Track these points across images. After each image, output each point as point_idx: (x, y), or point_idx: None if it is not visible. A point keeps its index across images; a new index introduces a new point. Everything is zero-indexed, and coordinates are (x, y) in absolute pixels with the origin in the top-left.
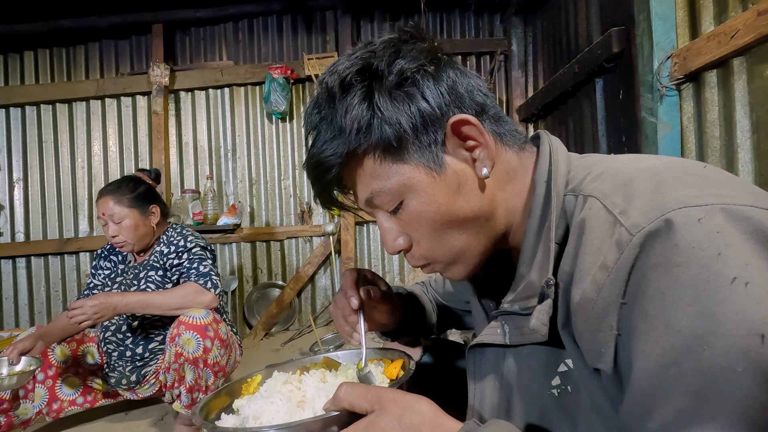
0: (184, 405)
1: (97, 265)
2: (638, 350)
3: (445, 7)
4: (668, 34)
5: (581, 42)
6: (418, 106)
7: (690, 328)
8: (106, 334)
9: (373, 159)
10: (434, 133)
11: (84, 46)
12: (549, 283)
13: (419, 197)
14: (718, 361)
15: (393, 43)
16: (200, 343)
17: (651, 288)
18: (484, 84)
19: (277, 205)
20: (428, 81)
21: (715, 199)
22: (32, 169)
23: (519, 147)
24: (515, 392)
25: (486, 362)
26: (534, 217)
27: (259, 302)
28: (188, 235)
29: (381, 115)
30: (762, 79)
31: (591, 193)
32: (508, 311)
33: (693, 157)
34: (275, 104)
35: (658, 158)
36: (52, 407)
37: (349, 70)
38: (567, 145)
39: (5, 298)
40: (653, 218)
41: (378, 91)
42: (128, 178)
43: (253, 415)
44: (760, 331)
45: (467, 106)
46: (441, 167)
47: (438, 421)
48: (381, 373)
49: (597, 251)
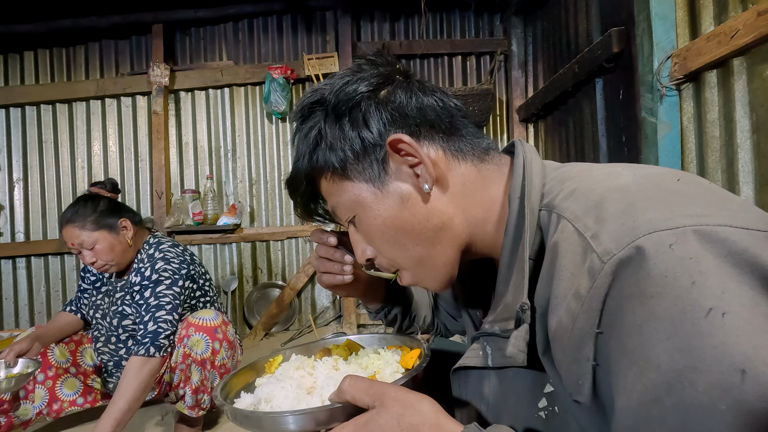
0: (188, 406)
1: (85, 268)
2: (619, 387)
3: (445, 7)
4: (668, 34)
5: (581, 42)
6: (359, 131)
7: (670, 363)
8: (98, 345)
9: (326, 178)
10: (375, 153)
11: (84, 46)
12: (524, 307)
13: (366, 212)
14: (700, 399)
15: (347, 74)
16: (209, 344)
17: (627, 320)
18: (450, 99)
19: (277, 205)
20: (371, 106)
21: (687, 220)
22: (32, 169)
23: (479, 159)
24: (503, 415)
25: (471, 385)
26: (509, 234)
27: (259, 302)
28: (157, 261)
29: (326, 142)
30: (762, 79)
31: (563, 213)
32: (489, 333)
33: (693, 157)
34: (275, 104)
35: (631, 172)
36: (53, 408)
37: (307, 100)
38: (567, 146)
39: (5, 298)
40: (624, 245)
41: (325, 120)
42: (84, 199)
43: (265, 398)
44: (740, 367)
45: (410, 125)
46: (383, 184)
47: (438, 423)
48: (397, 361)
49: (571, 277)
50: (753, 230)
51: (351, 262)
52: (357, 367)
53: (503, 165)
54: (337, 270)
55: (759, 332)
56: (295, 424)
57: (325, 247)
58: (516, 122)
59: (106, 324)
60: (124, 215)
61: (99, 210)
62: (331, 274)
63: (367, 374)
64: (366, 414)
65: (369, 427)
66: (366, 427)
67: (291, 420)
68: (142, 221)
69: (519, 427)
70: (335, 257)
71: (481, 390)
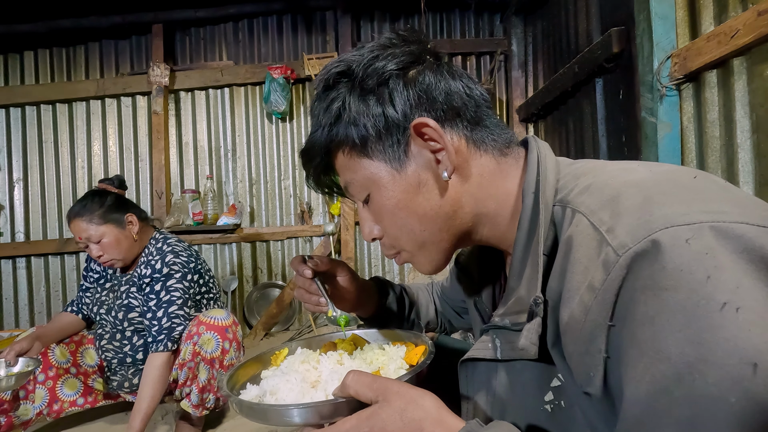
0: (193, 404)
1: (88, 267)
2: (629, 377)
3: (445, 7)
4: (668, 34)
5: (581, 42)
6: (384, 109)
7: (681, 355)
8: (102, 342)
9: (344, 153)
10: (397, 134)
11: (84, 46)
12: (537, 301)
13: (381, 192)
14: (710, 391)
15: (377, 47)
16: (219, 343)
17: (640, 312)
18: (477, 87)
19: (277, 205)
20: (399, 85)
21: (704, 216)
22: (32, 169)
23: (500, 152)
24: (508, 408)
25: (478, 376)
26: (522, 229)
27: (259, 302)
28: (167, 255)
29: (348, 116)
30: (762, 79)
31: (578, 208)
32: (498, 326)
33: (693, 156)
34: (275, 104)
35: (647, 168)
36: (53, 408)
37: (334, 69)
38: (567, 146)
39: (5, 298)
40: (640, 238)
41: (350, 93)
42: (92, 194)
43: (270, 390)
44: (752, 360)
45: (437, 110)
46: (402, 166)
47: (440, 418)
48: (401, 357)
49: (584, 270)
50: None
51: (324, 304)
52: (361, 362)
53: (520, 159)
54: (314, 302)
55: None
56: (299, 417)
57: (302, 279)
58: (516, 122)
59: (110, 319)
60: (131, 210)
61: (106, 205)
62: (310, 303)
63: (371, 370)
64: (369, 408)
65: (372, 421)
66: (369, 422)
67: (295, 413)
68: (147, 218)
69: (524, 419)
70: (311, 289)
71: (488, 382)
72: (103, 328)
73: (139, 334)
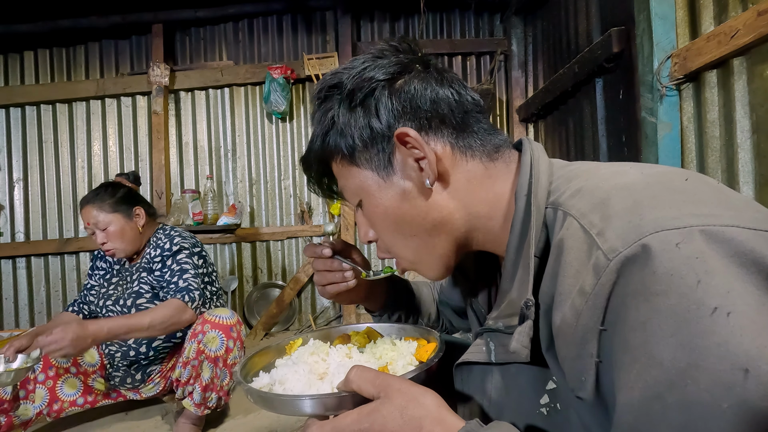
0: (195, 403)
1: (93, 265)
2: (621, 382)
3: (445, 7)
4: (668, 34)
5: (581, 42)
6: (369, 120)
7: (673, 360)
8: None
9: (336, 161)
10: (382, 144)
11: (84, 46)
12: (528, 304)
13: (370, 199)
14: (702, 397)
15: (369, 58)
16: (224, 342)
17: (631, 317)
18: (468, 92)
19: (277, 205)
20: (384, 95)
21: (695, 219)
22: (32, 169)
23: (488, 157)
24: (504, 411)
25: (473, 380)
26: (514, 231)
27: (259, 302)
28: (174, 237)
29: (337, 127)
30: (762, 79)
31: (569, 211)
32: (492, 329)
33: (693, 157)
34: (275, 104)
35: (639, 171)
36: (53, 408)
37: (327, 83)
38: (567, 146)
39: (5, 298)
40: (630, 242)
41: (340, 105)
42: (107, 184)
43: (279, 380)
44: (744, 366)
45: (420, 118)
46: (388, 174)
47: (440, 417)
48: (411, 353)
49: (576, 274)
50: (760, 231)
51: (349, 268)
52: (370, 357)
53: (512, 162)
54: (339, 278)
55: (763, 332)
56: (304, 407)
57: (321, 260)
58: (516, 122)
59: (118, 309)
60: (140, 204)
61: (117, 196)
62: (335, 283)
63: (379, 364)
64: (370, 404)
65: (372, 416)
66: (369, 417)
67: (301, 403)
68: (155, 214)
69: (521, 423)
70: (333, 267)
71: (483, 385)
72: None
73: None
